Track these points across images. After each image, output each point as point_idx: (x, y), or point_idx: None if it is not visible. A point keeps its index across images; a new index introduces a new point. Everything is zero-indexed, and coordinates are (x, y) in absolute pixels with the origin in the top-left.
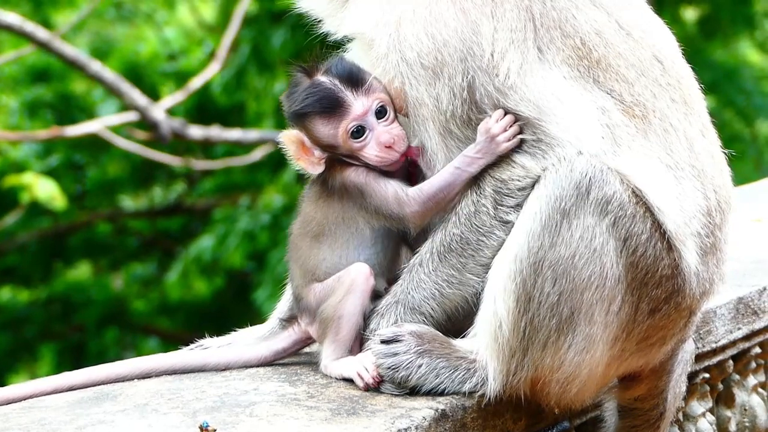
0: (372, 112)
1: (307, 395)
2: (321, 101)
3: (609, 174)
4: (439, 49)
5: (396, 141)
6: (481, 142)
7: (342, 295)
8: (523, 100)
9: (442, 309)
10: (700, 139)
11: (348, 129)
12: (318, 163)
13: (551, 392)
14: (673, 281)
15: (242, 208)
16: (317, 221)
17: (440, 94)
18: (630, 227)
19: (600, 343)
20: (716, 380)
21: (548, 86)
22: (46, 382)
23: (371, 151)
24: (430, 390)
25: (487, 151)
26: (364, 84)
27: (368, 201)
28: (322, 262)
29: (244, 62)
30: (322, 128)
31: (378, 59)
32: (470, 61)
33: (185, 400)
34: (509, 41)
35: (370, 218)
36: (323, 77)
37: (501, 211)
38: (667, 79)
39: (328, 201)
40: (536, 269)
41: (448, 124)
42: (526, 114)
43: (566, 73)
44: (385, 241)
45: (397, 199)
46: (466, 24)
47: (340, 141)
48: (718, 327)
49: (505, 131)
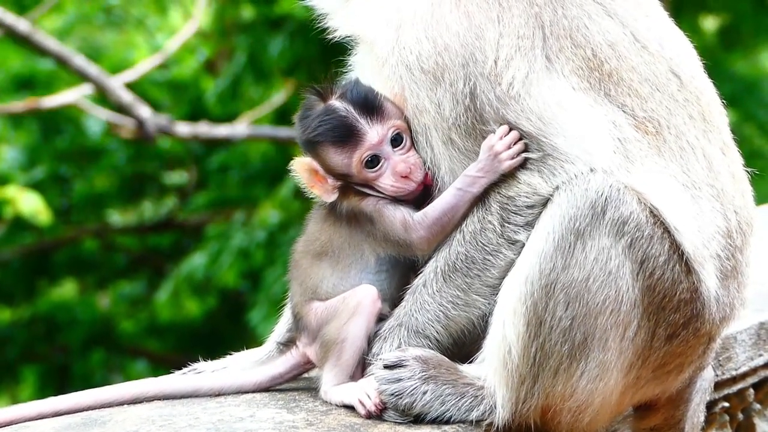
0: (387, 141)
1: (306, 423)
2: (334, 130)
3: (626, 193)
4: (440, 53)
5: (413, 170)
6: (483, 159)
7: (347, 317)
8: (525, 111)
9: (448, 332)
10: (720, 157)
11: (362, 159)
12: (332, 191)
13: (562, 421)
14: (691, 306)
15: (236, 225)
16: (321, 242)
17: (442, 101)
18: (647, 249)
19: (614, 370)
20: (736, 409)
21: (555, 97)
22: (30, 408)
23: (387, 181)
24: (435, 418)
25: (490, 170)
26: (379, 111)
27: (377, 228)
28: (323, 281)
29: (239, 71)
30: (336, 157)
31: (380, 62)
32: (471, 67)
33: (178, 427)
34: (515, 48)
35: (376, 246)
36: (338, 102)
37: (508, 230)
38: (685, 94)
39: (335, 225)
40: (548, 292)
41: (450, 133)
42: (527, 128)
43: (575, 83)
44: (390, 270)
45: (404, 225)
46: (470, 28)
47: (354, 171)
48: (739, 353)
49: (509, 149)
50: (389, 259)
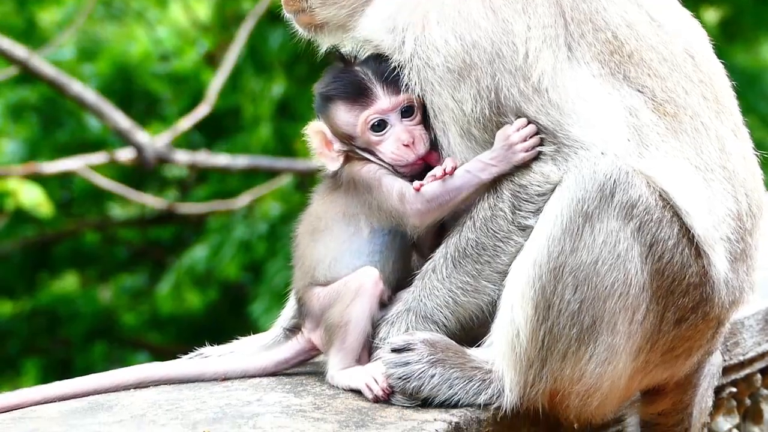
0: (398, 111)
1: (313, 407)
2: (347, 86)
3: (634, 176)
4: (468, 51)
5: (416, 141)
6: (498, 149)
7: (349, 300)
8: (545, 106)
9: (456, 318)
10: (731, 139)
11: (368, 120)
12: (336, 158)
13: (571, 405)
14: (701, 289)
15: (238, 217)
16: (317, 215)
17: (465, 98)
18: (656, 232)
19: (623, 354)
20: (743, 395)
21: (576, 87)
22: (36, 392)
23: (387, 148)
24: (443, 402)
25: (503, 159)
26: (396, 83)
27: (373, 195)
28: (319, 263)
29: (240, 64)
30: (344, 115)
31: (399, 65)
32: (498, 63)
33: (185, 411)
34: (542, 39)
35: (371, 215)
36: (359, 66)
37: (519, 216)
38: (699, 75)
39: (333, 195)
40: (556, 275)
41: (469, 127)
42: (544, 122)
43: (596, 70)
44: (385, 251)
45: (401, 195)
46: (496, 23)
47: (358, 131)
48: (746, 339)
49: (525, 141)
50: (383, 241)
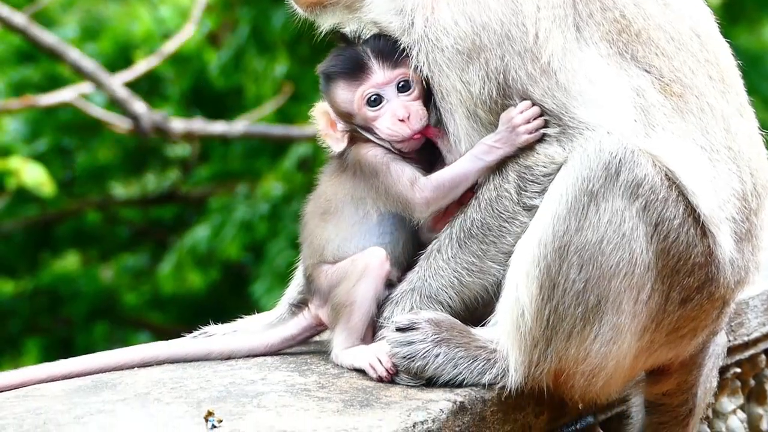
0: (394, 85)
1: (317, 386)
2: (345, 62)
3: (640, 155)
4: (477, 32)
5: (412, 116)
6: (502, 131)
7: (355, 279)
8: (551, 88)
9: (461, 298)
10: (737, 119)
11: (364, 95)
12: (341, 138)
13: (575, 385)
14: (706, 269)
15: (239, 197)
16: (326, 197)
17: (473, 79)
18: (662, 211)
19: (628, 333)
20: (748, 375)
21: (583, 69)
22: (40, 370)
23: (383, 123)
24: (447, 381)
25: (507, 141)
26: (392, 57)
27: (380, 180)
28: (328, 243)
29: (243, 43)
30: (342, 93)
31: (407, 47)
32: (507, 45)
33: (189, 390)
34: (552, 20)
35: (378, 199)
36: (359, 46)
37: (524, 197)
38: (705, 54)
39: (340, 178)
40: (561, 254)
41: (476, 109)
42: (550, 105)
43: (603, 51)
44: (395, 233)
45: (411, 181)
46: (506, 4)
47: (355, 107)
48: (751, 319)
49: (528, 123)
50: (393, 222)
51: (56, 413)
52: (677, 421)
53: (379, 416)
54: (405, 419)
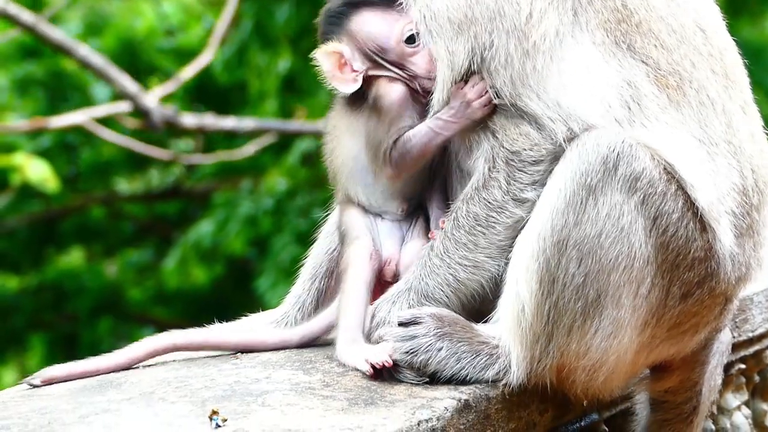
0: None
1: (322, 384)
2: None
3: (638, 149)
4: (471, 5)
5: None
6: (456, 106)
7: (345, 279)
8: (527, 73)
9: (457, 296)
10: (739, 114)
11: (405, 30)
12: (354, 79)
13: (577, 380)
14: (706, 264)
15: (244, 192)
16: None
17: (458, 50)
18: (660, 205)
19: (628, 327)
20: (752, 371)
21: (570, 54)
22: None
23: (421, 60)
24: (450, 376)
25: (462, 116)
26: None
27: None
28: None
29: (245, 38)
30: (377, 24)
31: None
32: (498, 21)
33: (194, 389)
34: (549, 1)
35: (367, 135)
36: None
37: (514, 187)
38: (709, 49)
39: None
40: (560, 248)
41: (455, 78)
42: (513, 90)
43: (598, 38)
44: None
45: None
46: None
47: (393, 42)
48: (755, 315)
49: (480, 97)
50: None
51: (61, 413)
52: (681, 418)
53: (384, 414)
54: (410, 417)
